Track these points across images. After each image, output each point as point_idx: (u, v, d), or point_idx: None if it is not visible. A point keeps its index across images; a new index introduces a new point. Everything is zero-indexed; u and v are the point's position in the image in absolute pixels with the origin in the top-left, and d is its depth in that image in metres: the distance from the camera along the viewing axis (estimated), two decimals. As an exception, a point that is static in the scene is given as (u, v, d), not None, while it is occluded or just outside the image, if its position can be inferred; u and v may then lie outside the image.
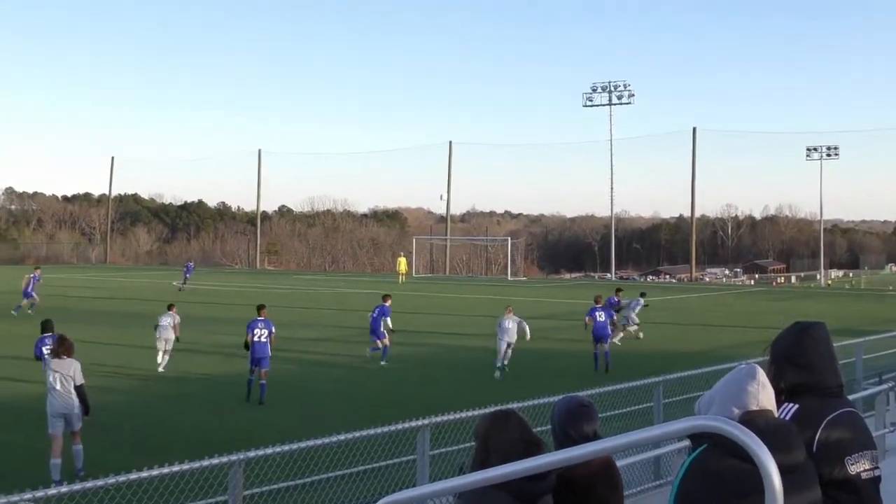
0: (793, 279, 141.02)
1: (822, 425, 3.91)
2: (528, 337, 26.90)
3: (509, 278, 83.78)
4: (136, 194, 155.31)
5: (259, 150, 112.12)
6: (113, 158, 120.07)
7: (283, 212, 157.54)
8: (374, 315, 28.47)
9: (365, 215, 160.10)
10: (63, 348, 15.17)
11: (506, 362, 26.33)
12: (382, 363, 27.45)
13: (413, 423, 10.30)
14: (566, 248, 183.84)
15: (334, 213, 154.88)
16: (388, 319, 28.62)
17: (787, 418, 3.91)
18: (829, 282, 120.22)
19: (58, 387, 14.75)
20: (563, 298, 56.32)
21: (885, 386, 13.99)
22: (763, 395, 3.57)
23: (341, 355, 29.33)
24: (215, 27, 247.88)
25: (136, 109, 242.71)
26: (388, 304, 28.84)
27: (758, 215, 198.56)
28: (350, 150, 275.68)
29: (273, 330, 22.05)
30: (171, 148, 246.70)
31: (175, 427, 18.96)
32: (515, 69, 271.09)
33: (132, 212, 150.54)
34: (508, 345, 26.36)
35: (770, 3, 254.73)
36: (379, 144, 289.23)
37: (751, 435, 2.86)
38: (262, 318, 22.15)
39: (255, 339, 21.68)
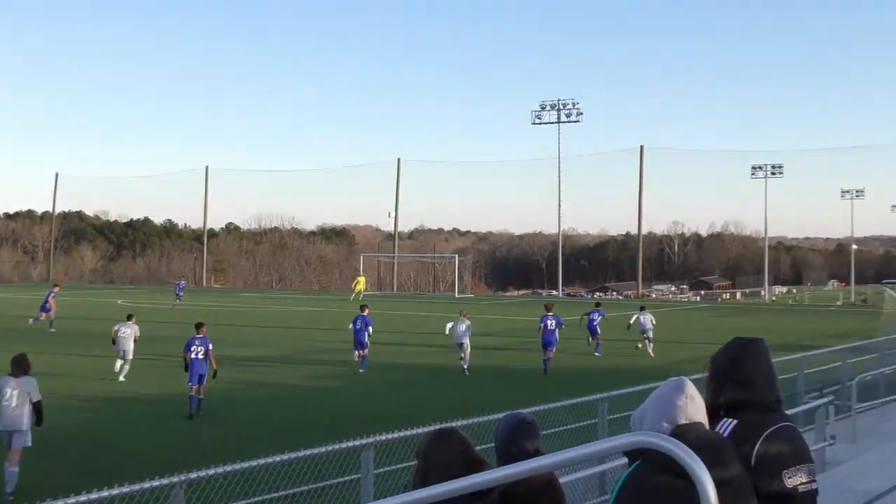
0: (738, 295, 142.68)
1: (761, 440, 3.93)
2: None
3: (457, 295, 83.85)
4: (80, 212, 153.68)
5: (206, 168, 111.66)
6: (57, 175, 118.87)
7: (231, 229, 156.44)
8: (358, 326, 30.31)
9: (313, 233, 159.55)
10: (21, 367, 15.05)
11: (467, 368, 29.36)
12: (361, 371, 29.43)
13: (358, 442, 10.23)
14: (514, 265, 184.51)
15: (282, 231, 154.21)
16: (371, 328, 30.62)
17: (726, 433, 3.93)
18: (774, 298, 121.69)
19: (13, 403, 14.62)
20: (511, 315, 56.42)
21: (824, 400, 14.18)
22: (691, 408, 3.57)
23: (290, 374, 29.17)
24: (163, 45, 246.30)
25: (82, 126, 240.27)
26: (366, 313, 30.73)
27: (704, 232, 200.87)
28: (298, 168, 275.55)
29: (210, 347, 22.51)
30: (118, 165, 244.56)
31: (121, 448, 18.69)
32: (464, 87, 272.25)
33: (76, 229, 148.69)
34: (466, 347, 29.61)
35: (715, 26, 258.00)
36: (327, 162, 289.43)
37: (687, 450, 2.86)
38: (201, 336, 22.60)
39: (193, 356, 22.18)
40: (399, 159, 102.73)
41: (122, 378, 26.17)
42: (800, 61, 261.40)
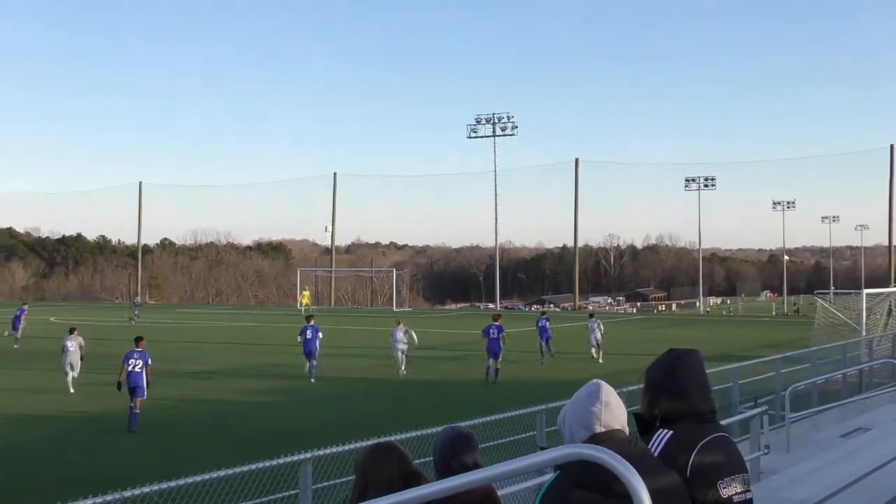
0: (673, 307, 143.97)
1: (696, 450, 3.95)
2: (416, 343, 32.40)
3: (395, 309, 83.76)
4: (10, 228, 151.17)
5: (140, 183, 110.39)
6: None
7: (166, 245, 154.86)
8: (309, 336, 30.93)
9: (249, 248, 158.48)
10: None
11: (404, 369, 31.30)
12: (312, 381, 30.11)
13: (295, 457, 10.15)
14: (451, 278, 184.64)
15: (217, 246, 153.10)
16: (321, 335, 31.36)
17: (662, 444, 3.96)
18: (708, 309, 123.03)
19: None
20: (449, 329, 56.46)
21: (758, 410, 14.33)
22: (607, 415, 3.59)
23: (228, 389, 28.92)
24: (90, 59, 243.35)
25: (10, 141, 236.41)
26: (312, 323, 31.67)
27: (639, 245, 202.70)
28: (233, 183, 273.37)
29: (149, 361, 22.60)
30: (49, 181, 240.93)
31: (54, 466, 18.38)
32: (400, 101, 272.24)
33: (6, 246, 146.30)
34: (402, 352, 31.38)
35: (647, 41, 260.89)
36: (263, 176, 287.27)
37: (623, 462, 2.86)
38: (139, 350, 22.68)
39: (131, 369, 22.18)
40: (335, 173, 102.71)
41: (72, 390, 26.13)
42: (732, 74, 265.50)
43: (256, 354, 39.95)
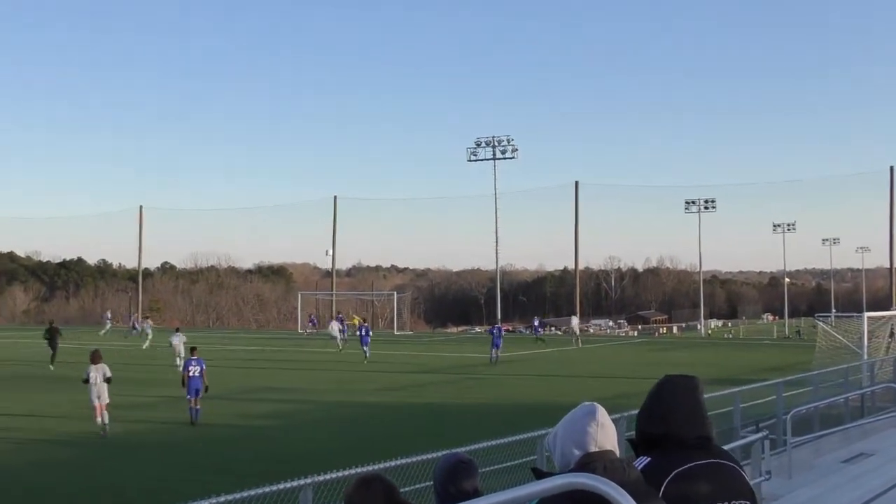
0: (674, 329, 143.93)
1: (669, 478, 3.85)
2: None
3: (396, 332, 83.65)
4: (11, 252, 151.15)
5: (140, 207, 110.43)
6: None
7: (166, 268, 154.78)
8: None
9: (250, 271, 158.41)
10: None
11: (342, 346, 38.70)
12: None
13: (295, 483, 10.11)
14: (452, 301, 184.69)
15: (218, 270, 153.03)
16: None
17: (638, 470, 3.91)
18: (710, 331, 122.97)
19: None
20: (450, 352, 56.40)
21: (759, 435, 14.27)
22: (601, 435, 3.60)
23: (227, 413, 28.78)
24: (95, 82, 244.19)
25: (11, 166, 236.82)
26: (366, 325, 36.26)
27: (640, 267, 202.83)
28: (234, 206, 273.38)
29: (204, 366, 27.13)
30: (49, 204, 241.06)
31: (53, 489, 18.32)
32: (400, 124, 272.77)
33: (7, 270, 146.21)
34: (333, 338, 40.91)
35: (646, 64, 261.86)
36: (263, 200, 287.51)
37: (622, 493, 2.85)
38: (195, 358, 27.32)
39: (190, 374, 26.61)
40: (335, 197, 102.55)
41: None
42: (731, 97, 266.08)
43: (255, 378, 39.87)
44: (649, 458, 3.95)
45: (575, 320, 71.24)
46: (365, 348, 49.45)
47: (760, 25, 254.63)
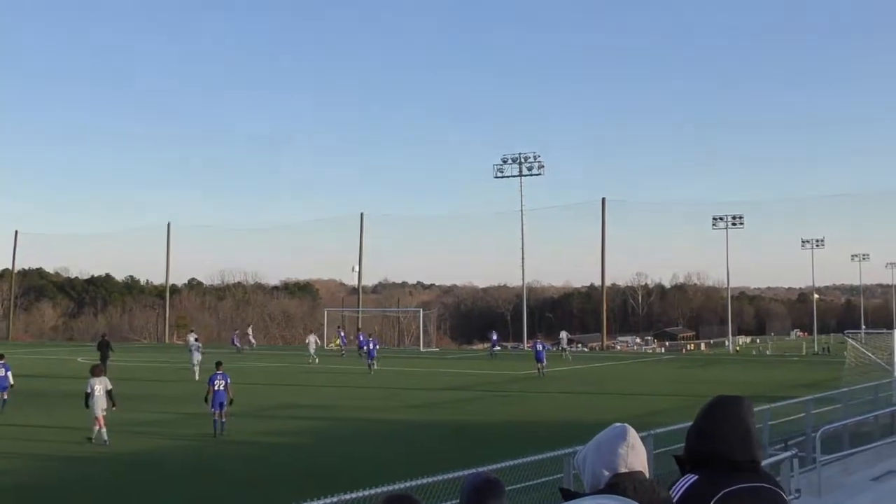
0: (702, 346, 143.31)
1: (717, 497, 3.85)
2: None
3: (422, 349, 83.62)
4: (40, 269, 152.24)
5: (168, 224, 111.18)
6: (17, 232, 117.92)
7: (193, 285, 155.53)
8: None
9: (276, 287, 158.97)
10: None
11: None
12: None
13: (329, 500, 10.12)
14: (478, 318, 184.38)
15: (245, 286, 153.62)
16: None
17: (683, 489, 3.88)
18: (738, 348, 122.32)
19: None
20: (476, 369, 56.26)
21: (789, 453, 14.16)
22: (632, 457, 3.59)
23: (254, 430, 28.79)
24: (124, 101, 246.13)
25: (41, 183, 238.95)
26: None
27: (667, 284, 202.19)
28: (261, 223, 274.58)
29: (229, 381, 27.95)
30: (78, 222, 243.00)
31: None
32: (427, 141, 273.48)
33: (36, 286, 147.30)
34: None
35: (674, 77, 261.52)
36: (290, 217, 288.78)
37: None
38: (220, 372, 28.07)
39: (216, 388, 27.33)
40: (362, 214, 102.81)
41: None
42: (759, 112, 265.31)
43: (280, 394, 39.91)
44: (696, 476, 3.93)
45: (564, 335, 73.65)
46: (370, 361, 52.32)
47: (787, 35, 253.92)
